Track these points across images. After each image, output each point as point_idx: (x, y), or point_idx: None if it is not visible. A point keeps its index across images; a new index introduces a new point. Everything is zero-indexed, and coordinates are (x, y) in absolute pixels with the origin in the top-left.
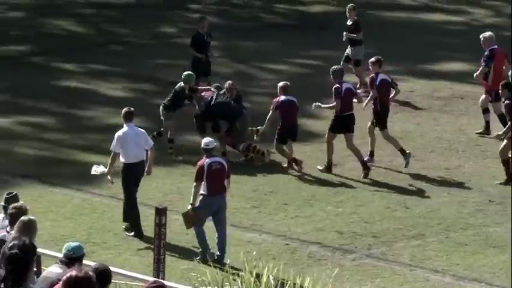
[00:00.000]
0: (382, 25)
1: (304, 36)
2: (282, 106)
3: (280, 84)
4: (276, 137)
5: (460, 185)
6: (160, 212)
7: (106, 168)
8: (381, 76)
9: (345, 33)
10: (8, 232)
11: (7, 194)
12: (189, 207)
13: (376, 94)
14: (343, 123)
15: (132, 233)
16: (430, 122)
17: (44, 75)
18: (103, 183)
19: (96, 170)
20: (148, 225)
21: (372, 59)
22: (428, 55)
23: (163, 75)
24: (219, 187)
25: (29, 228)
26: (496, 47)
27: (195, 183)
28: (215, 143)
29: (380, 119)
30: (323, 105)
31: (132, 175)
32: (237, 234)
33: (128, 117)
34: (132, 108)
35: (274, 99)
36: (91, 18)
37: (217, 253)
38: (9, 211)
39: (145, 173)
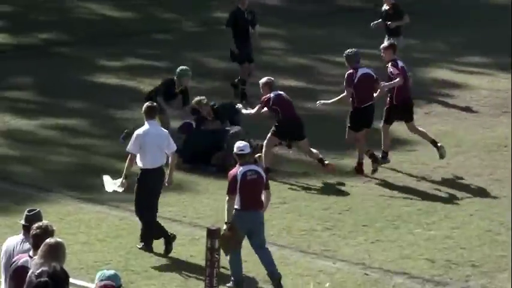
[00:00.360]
0: (476, 8)
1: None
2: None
3: (263, 80)
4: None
5: None
6: (213, 234)
7: (119, 180)
8: (401, 63)
9: (389, 22)
10: (30, 257)
11: (28, 212)
12: (224, 227)
13: (401, 82)
14: (364, 117)
15: (141, 245)
16: None
17: (73, 68)
18: None
19: (116, 183)
20: (197, 250)
21: (385, 44)
22: None
23: (214, 68)
24: (254, 201)
25: (57, 252)
26: None
27: (227, 197)
28: (250, 149)
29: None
30: (329, 101)
31: (149, 183)
32: (306, 262)
33: (150, 113)
34: (155, 103)
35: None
36: (129, 1)
37: (269, 270)
38: (32, 232)
39: (165, 184)
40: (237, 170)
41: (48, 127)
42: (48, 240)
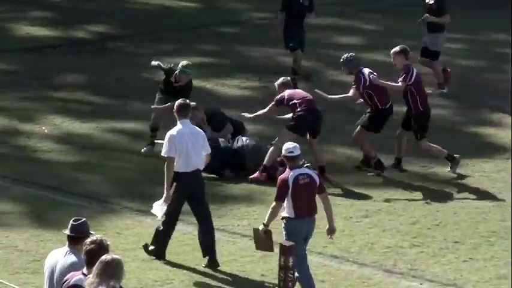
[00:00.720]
0: None
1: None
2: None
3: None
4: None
5: None
6: (287, 251)
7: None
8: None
9: (426, 15)
10: (84, 274)
11: (74, 221)
12: (261, 227)
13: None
14: (386, 118)
15: (150, 247)
16: None
17: (130, 65)
18: (213, 211)
19: (156, 209)
20: (269, 268)
21: (396, 49)
22: None
23: (286, 65)
24: (308, 207)
25: (114, 270)
26: None
27: (274, 203)
28: (299, 151)
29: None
30: (330, 96)
31: (184, 189)
32: (390, 282)
33: (183, 111)
34: (188, 101)
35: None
36: None
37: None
38: (85, 247)
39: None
40: (288, 174)
41: (104, 130)
42: (104, 256)
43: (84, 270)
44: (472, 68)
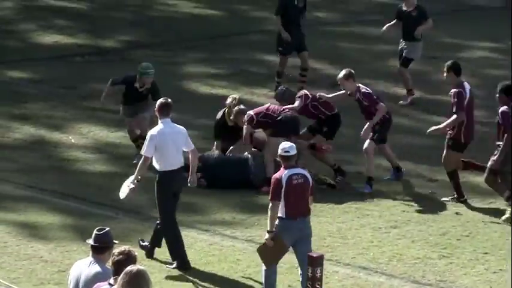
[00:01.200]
0: None
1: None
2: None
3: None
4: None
5: None
6: (315, 262)
7: (130, 179)
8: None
9: (420, 28)
10: (111, 285)
11: (98, 231)
12: (266, 235)
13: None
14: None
15: (173, 265)
16: None
17: (160, 74)
18: (238, 223)
19: (123, 190)
20: (297, 280)
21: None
22: None
23: (318, 74)
24: (301, 207)
25: (140, 281)
26: None
27: (271, 204)
28: (296, 150)
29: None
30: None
31: (170, 187)
32: None
33: (164, 110)
34: (169, 100)
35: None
36: None
37: None
38: (113, 258)
39: (189, 184)
40: (282, 173)
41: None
42: (129, 268)
43: (111, 280)
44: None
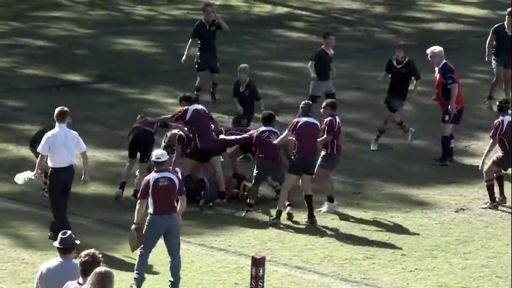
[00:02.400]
0: None
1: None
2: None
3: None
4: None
5: None
6: (258, 263)
7: (32, 172)
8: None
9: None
10: (80, 284)
11: (62, 235)
12: (133, 226)
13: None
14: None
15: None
16: None
17: (122, 102)
18: (190, 228)
19: (19, 176)
20: (242, 278)
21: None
22: None
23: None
24: (167, 206)
25: (107, 280)
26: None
27: (139, 201)
28: (168, 156)
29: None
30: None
31: (59, 180)
32: None
33: (60, 117)
34: (66, 108)
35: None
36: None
37: (171, 278)
38: (81, 259)
39: (82, 182)
40: (151, 176)
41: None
42: (98, 269)
43: (80, 280)
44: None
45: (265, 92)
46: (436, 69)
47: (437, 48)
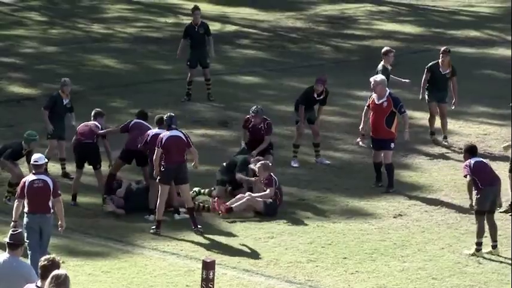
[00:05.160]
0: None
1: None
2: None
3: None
4: None
5: None
6: (208, 266)
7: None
8: None
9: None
10: (38, 287)
11: (13, 232)
12: (12, 224)
13: None
14: None
15: None
16: (505, 168)
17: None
18: (145, 234)
19: None
20: (193, 281)
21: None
22: (503, 94)
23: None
24: (39, 206)
25: (64, 283)
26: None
27: (16, 200)
28: (45, 160)
29: None
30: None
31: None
32: None
33: None
34: None
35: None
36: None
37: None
38: (41, 263)
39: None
40: (28, 178)
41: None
42: (55, 272)
43: (38, 283)
44: None
45: (210, 104)
46: (378, 97)
47: (378, 77)
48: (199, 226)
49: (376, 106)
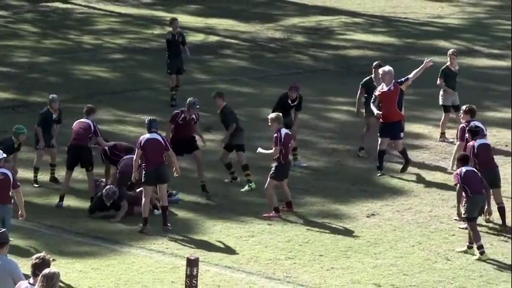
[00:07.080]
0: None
1: (341, 81)
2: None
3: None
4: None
5: (504, 237)
6: (192, 263)
7: None
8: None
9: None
10: (30, 284)
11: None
12: None
13: None
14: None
15: None
16: None
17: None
18: (132, 233)
19: None
20: (178, 277)
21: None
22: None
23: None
24: (1, 197)
25: (53, 281)
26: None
27: None
28: (4, 155)
29: None
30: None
31: None
32: (271, 287)
33: None
34: None
35: None
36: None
37: None
38: (32, 261)
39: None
40: None
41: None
42: (46, 270)
43: (31, 280)
44: None
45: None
46: (386, 86)
47: (386, 68)
48: (168, 224)
49: (385, 93)
